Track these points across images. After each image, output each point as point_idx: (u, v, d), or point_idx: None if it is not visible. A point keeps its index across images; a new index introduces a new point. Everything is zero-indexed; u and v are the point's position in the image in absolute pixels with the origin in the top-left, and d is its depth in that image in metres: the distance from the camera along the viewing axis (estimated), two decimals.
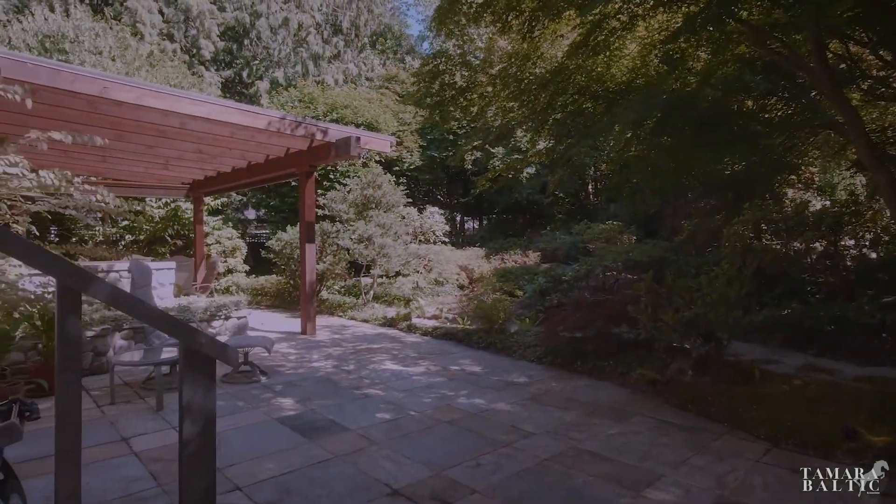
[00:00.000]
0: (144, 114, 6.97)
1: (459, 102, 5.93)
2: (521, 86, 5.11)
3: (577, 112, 5.00)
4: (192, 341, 1.75)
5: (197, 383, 1.76)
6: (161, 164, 10.59)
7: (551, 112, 5.14)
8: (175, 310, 6.81)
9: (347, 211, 11.62)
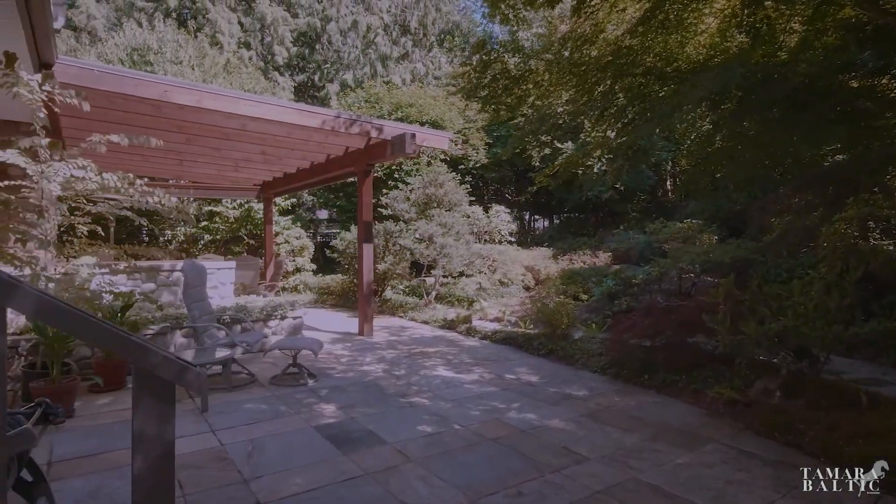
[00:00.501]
0: (206, 116, 7.11)
1: (513, 92, 5.53)
2: (579, 70, 4.63)
3: (641, 95, 4.45)
4: (143, 360, 1.51)
5: (150, 410, 1.53)
6: (231, 167, 10.96)
7: (613, 98, 4.62)
8: (232, 309, 6.90)
9: (409, 210, 11.48)
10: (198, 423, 4.43)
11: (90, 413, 4.72)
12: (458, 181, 14.50)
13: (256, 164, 10.65)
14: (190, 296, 5.46)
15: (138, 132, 8.19)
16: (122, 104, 6.72)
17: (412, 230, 10.93)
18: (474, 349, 7.59)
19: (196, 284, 5.62)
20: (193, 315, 5.45)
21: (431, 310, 10.73)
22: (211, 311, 5.92)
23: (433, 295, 11.36)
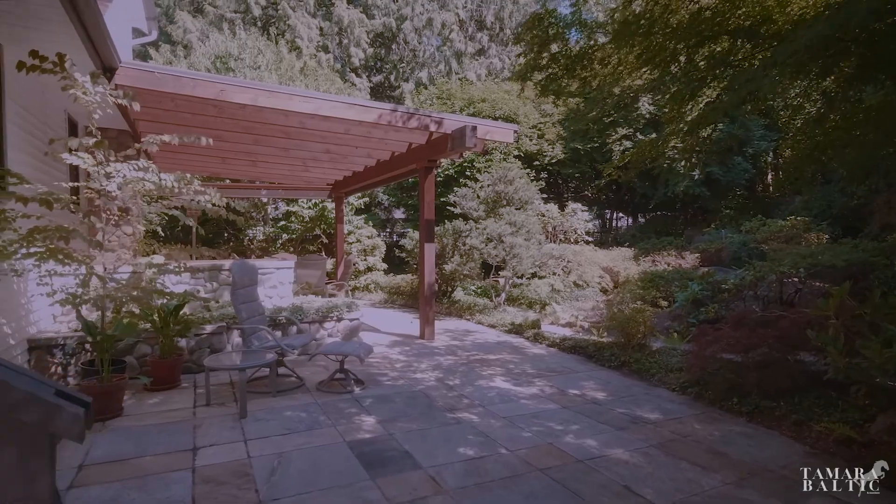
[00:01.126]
0: (265, 115, 7.10)
1: (575, 74, 4.90)
2: (654, 41, 3.94)
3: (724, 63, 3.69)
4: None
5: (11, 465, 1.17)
6: (300, 166, 11.07)
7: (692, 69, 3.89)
8: (288, 310, 6.81)
9: (478, 208, 11.03)
10: (233, 430, 4.26)
11: (138, 413, 4.71)
12: (531, 178, 13.85)
13: (324, 164, 10.68)
14: (238, 296, 5.36)
15: (208, 135, 8.41)
16: (187, 106, 6.83)
17: (481, 229, 10.47)
18: (539, 358, 7.00)
19: (244, 285, 5.52)
20: (241, 316, 5.35)
21: (500, 313, 10.23)
22: (261, 311, 5.82)
23: (503, 297, 10.84)
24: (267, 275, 7.33)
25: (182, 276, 6.95)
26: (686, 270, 10.25)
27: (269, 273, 7.34)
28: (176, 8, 20.02)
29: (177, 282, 6.91)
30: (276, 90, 6.37)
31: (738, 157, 13.81)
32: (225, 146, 9.28)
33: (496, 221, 10.32)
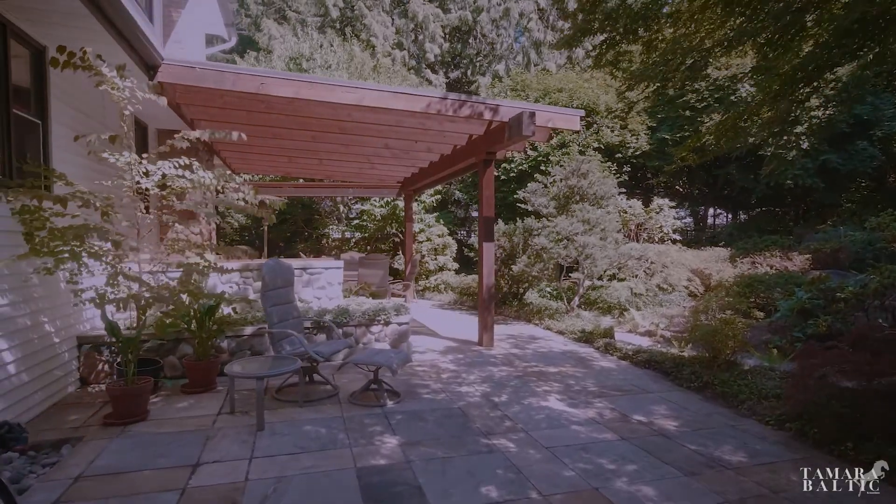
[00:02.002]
0: (314, 109, 6.85)
1: (638, 36, 4.05)
2: None
3: None
4: None
5: None
6: (364, 163, 10.87)
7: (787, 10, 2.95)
8: (333, 312, 6.49)
9: (548, 205, 10.21)
10: (243, 445, 3.92)
11: (161, 417, 4.54)
12: (611, 171, 12.74)
13: (388, 160, 10.39)
14: (269, 298, 5.08)
15: (262, 133, 8.37)
16: (236, 102, 6.72)
17: (551, 227, 9.66)
18: (606, 373, 6.16)
19: (277, 286, 5.23)
20: (272, 320, 5.06)
21: (572, 318, 9.37)
22: (297, 315, 5.51)
23: (577, 300, 9.95)
24: (315, 275, 7.08)
25: (231, 276, 6.87)
26: (792, 274, 8.80)
27: (318, 273, 7.09)
28: (263, 16, 20.84)
29: (226, 281, 6.84)
30: (317, 81, 6.06)
31: (863, 141, 11.79)
32: (287, 144, 9.23)
33: (568, 219, 9.47)
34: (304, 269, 7.03)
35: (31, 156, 4.80)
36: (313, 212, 16.80)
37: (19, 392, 4.34)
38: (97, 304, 4.41)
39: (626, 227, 12.35)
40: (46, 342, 4.82)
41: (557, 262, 9.91)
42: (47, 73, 5.03)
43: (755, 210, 15.76)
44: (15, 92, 4.72)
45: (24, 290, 4.43)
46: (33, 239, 4.16)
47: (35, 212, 4.19)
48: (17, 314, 4.37)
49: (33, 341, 4.60)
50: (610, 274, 10.79)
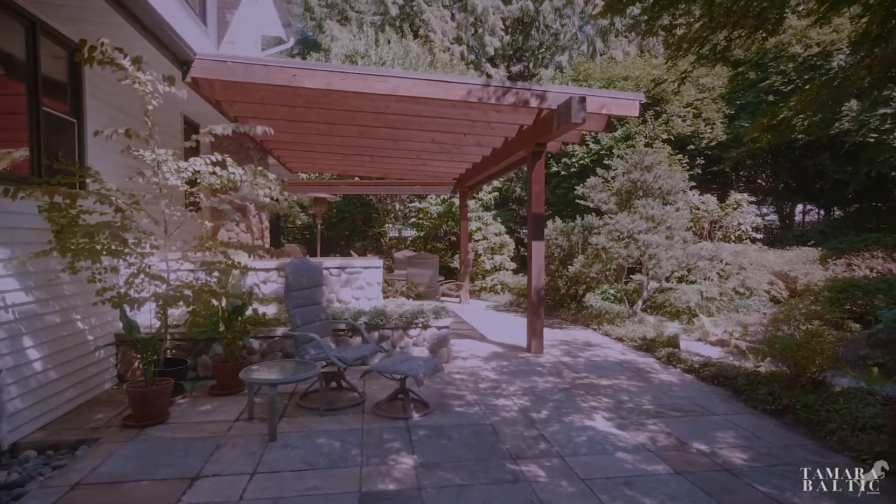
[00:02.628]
0: (351, 102, 6.61)
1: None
2: None
3: None
4: None
5: None
6: (416, 159, 10.57)
7: None
8: (369, 313, 6.19)
9: (608, 201, 9.45)
10: (250, 458, 3.66)
11: (180, 421, 4.39)
12: (681, 164, 11.71)
13: (438, 155, 10.03)
14: (292, 299, 4.83)
15: (306, 129, 8.24)
16: (274, 97, 6.61)
17: (612, 224, 8.91)
18: (666, 388, 5.46)
19: (301, 287, 4.98)
20: (295, 322, 4.81)
21: (635, 323, 8.60)
22: (324, 317, 5.24)
23: (640, 304, 9.15)
24: (354, 274, 6.83)
25: (269, 275, 6.74)
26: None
27: (356, 273, 6.83)
28: (326, 18, 21.14)
29: (264, 280, 6.72)
30: (349, 71, 5.77)
31: None
32: (335, 141, 9.08)
33: (630, 216, 8.69)
34: (342, 268, 6.80)
35: (63, 154, 4.82)
36: (371, 210, 16.77)
37: (45, 390, 4.32)
38: (115, 304, 4.32)
39: (698, 225, 11.29)
40: (79, 339, 4.82)
41: (620, 263, 9.15)
42: (82, 71, 5.05)
43: (852, 205, 14.03)
44: (51, 90, 4.77)
45: (50, 288, 4.42)
46: (63, 237, 4.12)
47: (61, 209, 4.16)
48: (44, 312, 4.36)
49: (63, 339, 4.59)
50: (678, 276, 9.86)
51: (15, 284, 4.03)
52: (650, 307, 10.82)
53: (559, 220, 10.96)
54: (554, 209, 14.31)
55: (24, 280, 4.11)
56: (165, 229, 5.00)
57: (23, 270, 4.10)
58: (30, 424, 4.15)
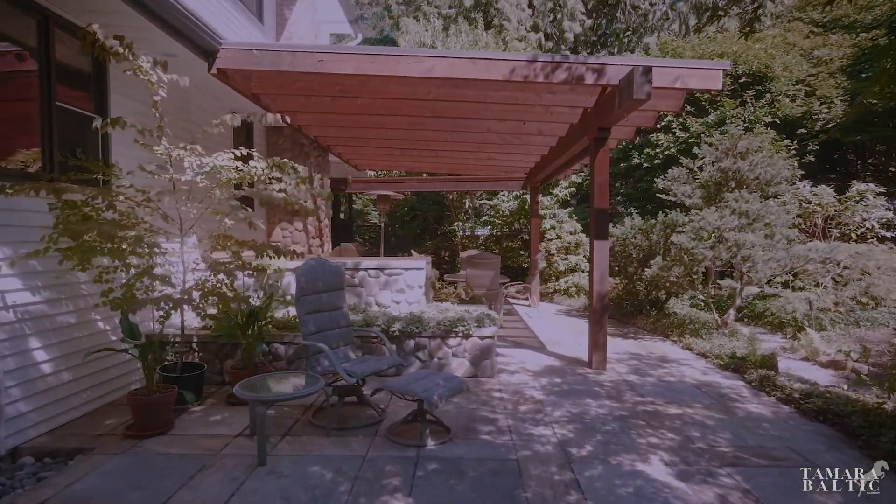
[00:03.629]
0: (389, 87, 6.14)
1: None
2: None
3: None
4: None
5: None
6: (481, 153, 9.96)
7: None
8: (404, 319, 5.64)
9: (692, 194, 8.22)
10: (228, 485, 3.23)
11: (182, 433, 4.09)
12: (787, 149, 10.06)
13: (501, 147, 9.31)
14: (303, 304, 4.38)
15: (351, 122, 7.86)
16: (308, 87, 6.27)
17: (697, 220, 7.70)
18: (753, 423, 4.40)
19: (317, 290, 4.51)
20: (307, 329, 4.35)
21: (724, 336, 7.37)
22: (344, 324, 4.74)
23: (731, 313, 7.86)
24: (394, 276, 6.31)
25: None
26: None
27: (396, 274, 6.31)
28: (403, 16, 21.02)
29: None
30: (379, 52, 5.24)
31: None
32: (387, 134, 8.67)
33: (719, 211, 7.44)
34: (381, 269, 6.31)
35: (85, 150, 4.71)
36: (444, 208, 16.32)
37: (55, 392, 4.20)
38: (115, 306, 4.09)
39: (809, 221, 9.62)
40: (98, 340, 4.70)
41: (708, 266, 7.90)
42: (107, 66, 4.94)
43: None
44: (73, 84, 4.68)
45: (62, 288, 4.29)
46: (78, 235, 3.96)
47: (74, 206, 3.99)
48: (55, 312, 4.24)
49: (78, 340, 4.47)
50: (781, 280, 8.40)
51: (17, 284, 3.91)
52: (747, 316, 9.40)
53: (638, 217, 9.80)
54: (636, 205, 13.01)
55: (28, 279, 3.99)
56: (181, 227, 4.75)
57: (27, 269, 3.97)
58: (35, 428, 4.02)
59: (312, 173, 9.56)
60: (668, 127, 12.10)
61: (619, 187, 13.87)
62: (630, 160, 13.04)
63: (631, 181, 13.28)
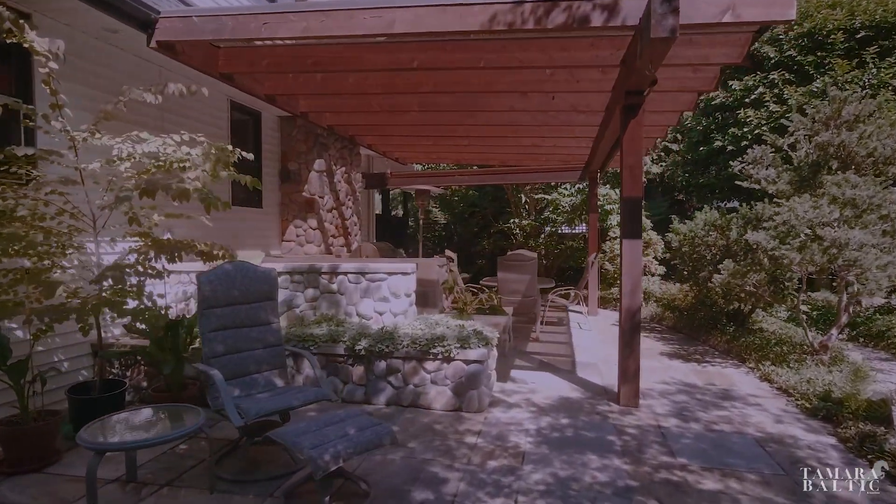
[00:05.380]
0: (364, 56, 5.13)
1: None
2: None
3: None
4: None
5: None
6: (522, 139, 8.68)
7: None
8: (372, 336, 4.61)
9: (777, 178, 6.38)
10: None
11: (60, 472, 3.37)
12: None
13: (535, 129, 7.95)
14: (212, 319, 3.48)
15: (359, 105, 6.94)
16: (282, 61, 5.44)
17: (783, 213, 5.90)
18: None
19: (230, 301, 3.60)
20: (213, 349, 3.46)
21: (819, 365, 5.59)
22: (271, 343, 3.79)
23: (835, 334, 5.98)
24: (375, 282, 5.30)
25: (280, 279, 5.56)
26: None
27: (379, 280, 5.28)
28: None
29: None
30: (330, 7, 4.23)
31: None
32: (403, 119, 7.67)
33: (814, 199, 5.63)
34: (361, 273, 5.33)
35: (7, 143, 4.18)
36: (505, 204, 15.07)
37: None
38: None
39: None
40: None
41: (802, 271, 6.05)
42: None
43: None
44: None
45: None
46: None
47: None
48: None
49: None
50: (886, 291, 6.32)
51: None
52: (867, 335, 7.36)
53: (714, 211, 7.98)
54: (720, 195, 10.95)
55: None
56: (94, 222, 4.06)
57: None
58: None
59: (333, 166, 8.82)
60: (759, 100, 9.95)
61: (696, 176, 11.81)
62: (711, 143, 10.98)
63: (713, 169, 11.19)
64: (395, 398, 4.63)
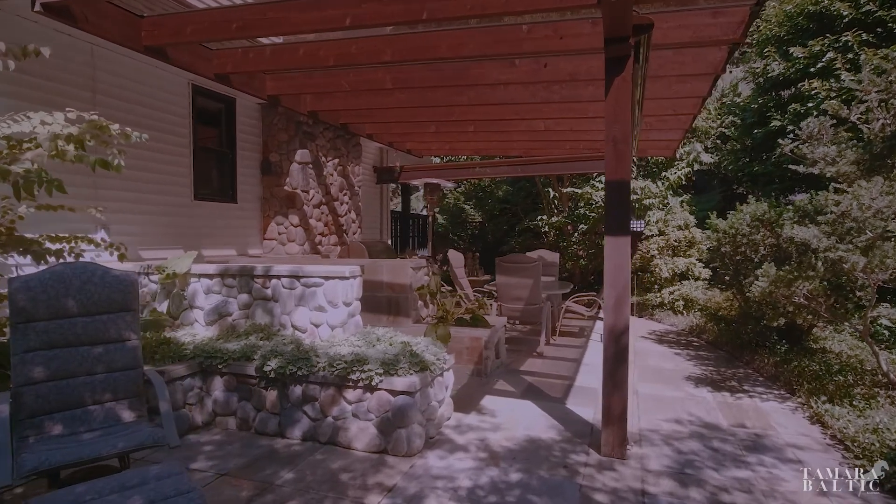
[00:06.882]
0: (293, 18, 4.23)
1: None
2: None
3: None
4: None
5: None
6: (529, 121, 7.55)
7: None
8: (285, 356, 3.72)
9: (837, 158, 4.94)
10: None
11: None
12: None
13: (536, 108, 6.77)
14: (30, 336, 2.70)
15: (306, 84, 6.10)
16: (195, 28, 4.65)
17: (847, 202, 4.50)
18: None
19: (61, 314, 2.81)
20: (27, 374, 2.68)
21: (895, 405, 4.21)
22: (122, 366, 2.97)
23: None
24: (311, 288, 4.40)
25: (213, 283, 4.79)
26: None
27: (314, 286, 4.39)
28: None
29: (207, 289, 4.80)
30: None
31: None
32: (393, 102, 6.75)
33: (888, 184, 4.22)
34: (294, 277, 4.45)
35: None
36: (537, 199, 13.89)
37: None
38: None
39: None
40: None
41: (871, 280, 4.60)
42: None
43: None
44: None
45: None
46: None
47: None
48: None
49: None
50: None
51: None
52: None
53: (764, 204, 6.53)
54: (780, 186, 9.29)
55: None
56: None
57: None
58: None
59: (322, 158, 8.04)
60: (827, 67, 8.25)
61: (752, 164, 10.13)
62: (768, 124, 9.32)
63: (773, 157, 9.49)
64: (312, 432, 3.72)
